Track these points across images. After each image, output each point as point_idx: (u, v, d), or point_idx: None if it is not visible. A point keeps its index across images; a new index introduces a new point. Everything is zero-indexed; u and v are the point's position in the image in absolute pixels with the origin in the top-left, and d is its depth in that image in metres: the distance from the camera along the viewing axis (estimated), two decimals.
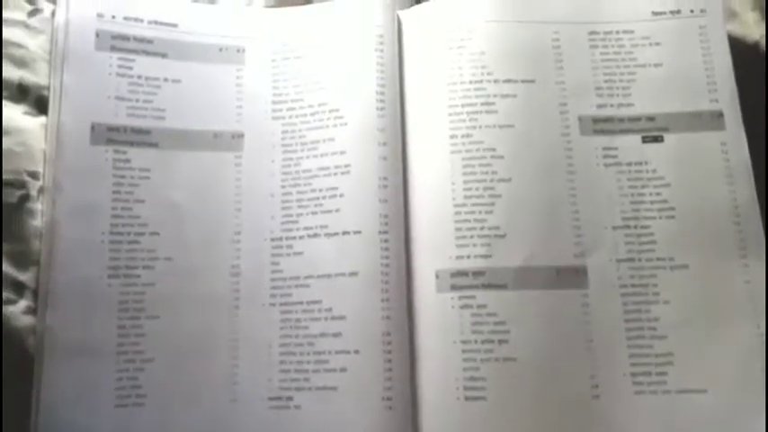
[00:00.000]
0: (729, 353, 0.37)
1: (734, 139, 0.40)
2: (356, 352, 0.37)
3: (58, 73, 0.40)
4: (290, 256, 0.40)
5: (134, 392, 0.37)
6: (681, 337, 0.37)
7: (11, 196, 0.38)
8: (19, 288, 0.38)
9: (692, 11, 0.43)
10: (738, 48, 0.45)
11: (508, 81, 0.42)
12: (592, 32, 0.43)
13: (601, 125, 0.41)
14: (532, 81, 0.42)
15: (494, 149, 0.40)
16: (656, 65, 0.42)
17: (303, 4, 0.47)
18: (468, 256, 0.39)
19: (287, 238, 0.40)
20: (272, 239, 0.40)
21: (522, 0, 0.45)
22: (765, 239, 0.39)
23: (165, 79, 0.42)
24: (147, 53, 0.42)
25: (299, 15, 0.45)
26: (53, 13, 0.42)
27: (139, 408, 0.37)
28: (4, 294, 0.37)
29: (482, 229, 0.39)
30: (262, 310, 0.39)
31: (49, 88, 0.40)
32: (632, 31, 0.43)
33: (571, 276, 0.38)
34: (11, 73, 0.40)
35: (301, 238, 0.40)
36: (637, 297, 0.38)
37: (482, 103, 0.41)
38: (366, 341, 0.37)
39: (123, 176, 0.40)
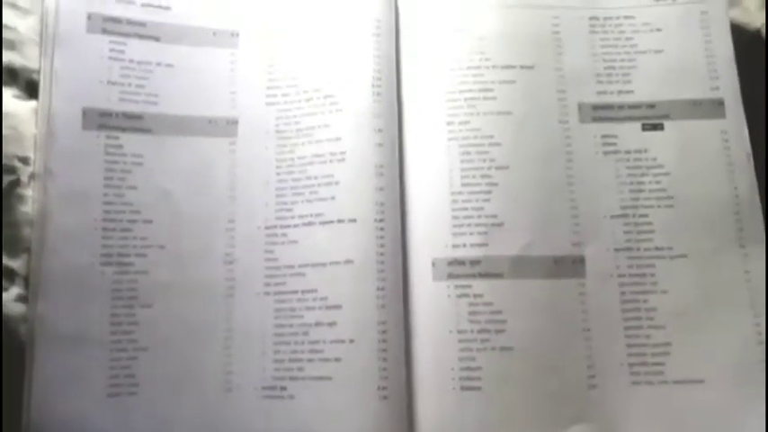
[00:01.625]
0: (727, 343, 0.37)
1: (734, 127, 0.40)
2: (351, 341, 0.37)
3: (48, 56, 0.39)
4: (284, 244, 0.39)
5: (127, 381, 0.37)
6: (678, 327, 0.37)
7: None
8: (10, 275, 0.37)
9: None
10: (740, 35, 0.44)
11: (507, 67, 0.41)
12: (592, 18, 0.42)
13: (600, 112, 0.41)
14: (531, 67, 0.41)
15: (491, 136, 0.40)
16: (657, 51, 0.42)
17: None
18: (465, 245, 0.38)
19: (282, 227, 0.39)
20: (267, 227, 0.39)
21: None
22: (765, 229, 0.38)
23: (158, 63, 0.41)
24: (139, 36, 0.41)
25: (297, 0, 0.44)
26: None
27: (132, 397, 0.36)
28: None
29: (479, 217, 0.39)
30: (256, 299, 0.38)
31: (39, 71, 0.40)
32: (633, 17, 0.42)
33: (568, 266, 0.38)
34: None
35: (296, 226, 0.39)
36: (634, 287, 0.38)
37: (480, 90, 0.41)
38: (361, 330, 0.37)
39: (116, 162, 0.39)
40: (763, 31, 0.45)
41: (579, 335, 0.37)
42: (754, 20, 0.45)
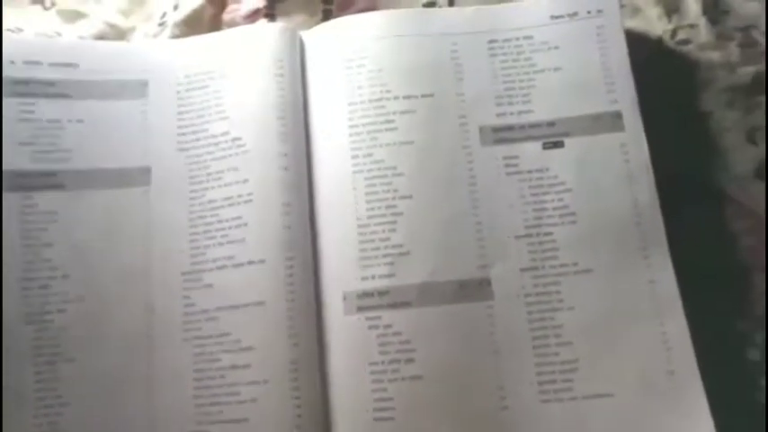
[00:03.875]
0: (634, 354, 0.37)
1: (633, 139, 0.41)
2: (265, 382, 0.37)
3: None
4: (200, 288, 0.40)
5: None
6: (585, 343, 0.38)
7: None
8: None
9: (588, 12, 0.43)
10: (642, 44, 0.45)
11: (408, 97, 0.42)
12: (491, 41, 0.43)
13: (501, 134, 0.41)
14: (432, 95, 0.42)
15: (395, 167, 0.41)
16: (555, 69, 0.42)
17: (209, 31, 0.47)
18: (374, 276, 0.39)
19: (197, 271, 0.40)
20: (183, 273, 0.40)
21: (420, 13, 0.45)
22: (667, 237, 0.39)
23: (69, 120, 0.42)
24: (48, 95, 0.42)
25: (202, 45, 0.45)
26: None
27: None
28: None
29: (386, 248, 0.39)
30: (176, 346, 0.39)
31: None
32: (531, 37, 0.43)
33: (474, 289, 0.39)
34: None
35: (210, 270, 0.40)
36: (541, 305, 0.38)
37: (382, 122, 0.41)
38: (274, 370, 0.37)
39: (31, 222, 0.40)
40: (667, 38, 0.46)
41: (488, 357, 0.38)
42: (655, 28, 0.46)
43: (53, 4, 0.50)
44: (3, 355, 0.38)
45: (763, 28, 0.45)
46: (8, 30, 0.47)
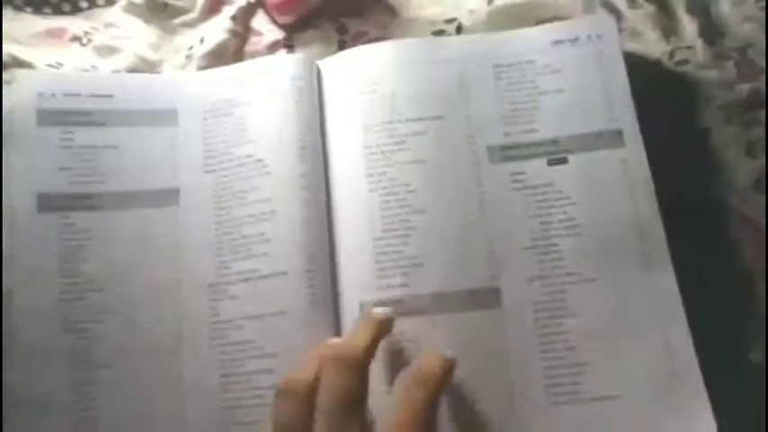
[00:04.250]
0: (638, 359, 0.39)
1: (634, 155, 0.43)
2: None
3: (3, 150, 0.44)
4: (225, 299, 0.43)
5: None
6: (591, 347, 0.39)
7: None
8: None
9: (588, 37, 0.46)
10: (642, 65, 0.47)
11: (418, 120, 0.45)
12: (496, 66, 0.46)
13: (508, 152, 0.44)
14: (441, 117, 0.45)
15: (408, 184, 0.43)
16: (558, 91, 0.45)
17: (233, 62, 0.51)
18: (389, 286, 0.41)
19: (222, 284, 0.43)
20: (209, 285, 0.43)
21: (429, 42, 0.48)
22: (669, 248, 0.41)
23: (105, 146, 0.45)
24: (85, 124, 0.46)
25: (226, 75, 0.48)
26: None
27: None
28: None
29: (400, 259, 0.42)
30: (203, 353, 0.42)
31: None
32: (534, 61, 0.46)
33: (484, 297, 0.41)
34: None
35: (235, 282, 0.43)
36: (548, 312, 0.40)
37: (395, 143, 0.44)
38: None
39: (69, 240, 0.43)
40: (665, 59, 0.48)
41: (498, 362, 0.39)
42: (653, 50, 0.48)
43: (89, 41, 0.53)
44: (42, 363, 0.41)
45: (762, 47, 0.47)
46: (49, 65, 0.51)
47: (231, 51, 0.52)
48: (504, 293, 0.41)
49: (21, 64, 0.50)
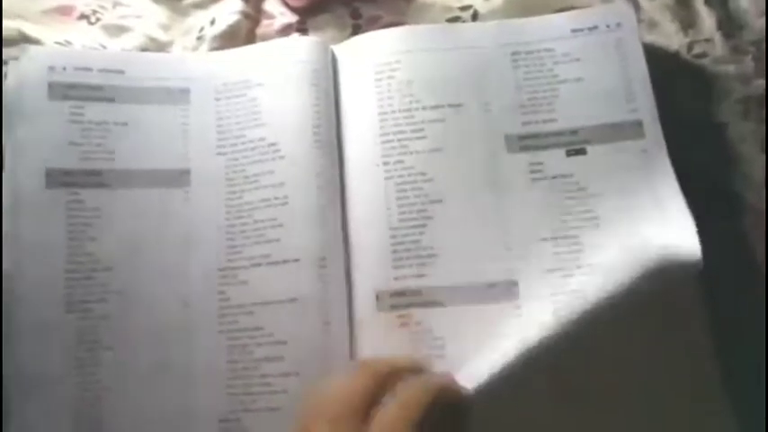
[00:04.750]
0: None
1: (653, 145, 0.42)
2: (297, 374, 0.39)
3: (12, 125, 0.43)
4: (236, 285, 0.42)
5: (93, 418, 0.39)
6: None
7: None
8: None
9: (608, 26, 0.45)
10: (660, 57, 0.47)
11: (436, 107, 0.44)
12: (514, 53, 0.45)
13: (526, 142, 0.43)
14: (459, 105, 0.44)
15: (424, 173, 0.42)
16: (577, 80, 0.44)
17: (244, 44, 0.50)
18: (405, 277, 0.40)
19: (233, 268, 0.42)
20: (219, 269, 0.42)
21: (445, 28, 0.47)
22: None
23: (115, 123, 0.44)
24: (96, 99, 0.44)
25: (240, 56, 0.47)
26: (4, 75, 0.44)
27: None
28: None
29: (417, 249, 0.41)
30: (211, 338, 0.41)
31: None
32: (553, 49, 0.45)
33: (503, 290, 0.40)
34: None
35: (246, 267, 0.42)
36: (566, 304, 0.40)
37: (412, 130, 0.43)
38: (305, 363, 0.39)
39: (77, 216, 0.42)
40: (683, 51, 0.48)
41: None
42: (672, 42, 0.48)
43: (98, 20, 0.52)
44: (45, 341, 0.40)
45: None
46: (57, 43, 0.49)
47: (243, 34, 0.51)
48: (522, 285, 0.40)
49: (29, 41, 0.48)
